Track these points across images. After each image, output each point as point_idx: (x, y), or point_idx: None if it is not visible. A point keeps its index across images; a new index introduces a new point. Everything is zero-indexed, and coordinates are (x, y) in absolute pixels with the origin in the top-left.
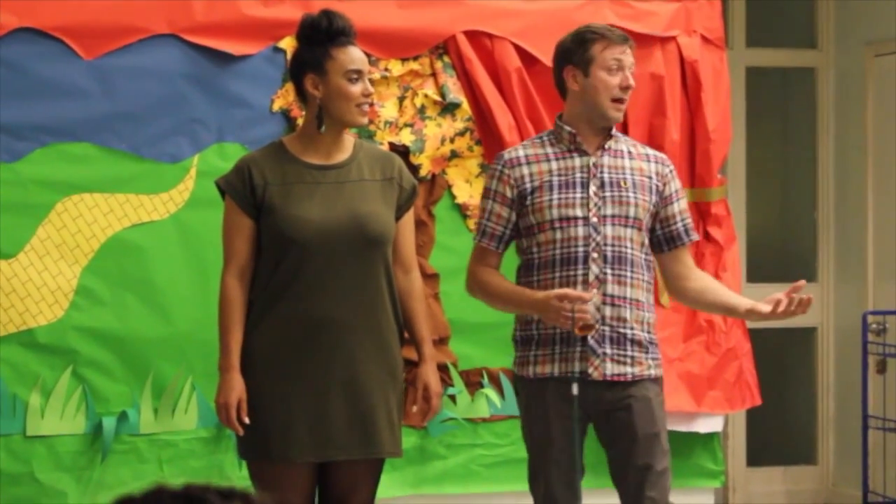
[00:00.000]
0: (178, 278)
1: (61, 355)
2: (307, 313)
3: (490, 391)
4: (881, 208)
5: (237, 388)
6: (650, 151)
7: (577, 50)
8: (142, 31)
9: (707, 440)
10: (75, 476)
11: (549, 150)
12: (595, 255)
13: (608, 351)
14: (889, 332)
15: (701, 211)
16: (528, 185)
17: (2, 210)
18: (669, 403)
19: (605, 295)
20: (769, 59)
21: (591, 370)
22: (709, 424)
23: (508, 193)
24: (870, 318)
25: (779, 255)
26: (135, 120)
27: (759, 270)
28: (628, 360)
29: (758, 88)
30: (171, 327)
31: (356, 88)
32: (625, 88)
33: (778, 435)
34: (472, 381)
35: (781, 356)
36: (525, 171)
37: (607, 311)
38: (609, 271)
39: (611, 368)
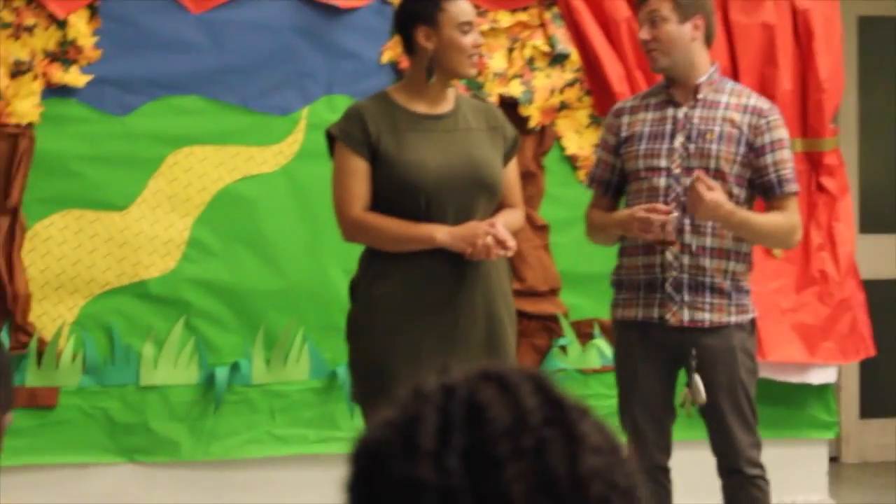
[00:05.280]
0: (288, 230)
1: (174, 306)
2: (432, 261)
3: (601, 342)
4: None
5: (467, 226)
6: (752, 102)
7: None
8: None
9: (820, 391)
10: (188, 426)
11: (652, 100)
12: (674, 205)
13: (686, 298)
14: None
15: (813, 161)
16: (624, 134)
17: (113, 163)
18: (782, 354)
19: (683, 244)
20: (882, 9)
21: (668, 316)
22: (822, 375)
23: (611, 140)
24: None
25: (892, 205)
26: (244, 73)
27: (872, 220)
28: (707, 307)
29: (870, 38)
30: (282, 279)
31: (468, 40)
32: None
33: (892, 386)
34: (584, 332)
35: (895, 307)
36: (625, 119)
37: (685, 259)
38: (687, 221)
39: (688, 315)
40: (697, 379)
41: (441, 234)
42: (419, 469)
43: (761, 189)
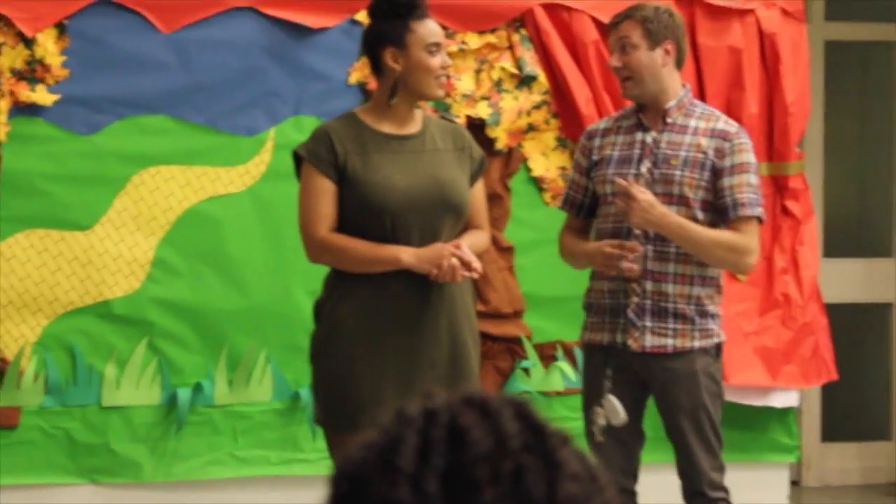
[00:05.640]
0: (253, 251)
1: (137, 327)
2: (396, 282)
3: (564, 364)
4: None
5: (433, 248)
6: (720, 126)
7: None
8: (219, 3)
9: (782, 415)
10: (150, 447)
11: (624, 123)
12: (637, 231)
13: (648, 324)
14: None
15: (778, 185)
16: (595, 157)
17: (79, 182)
18: (744, 377)
19: (646, 270)
20: (848, 33)
21: (630, 342)
22: (784, 399)
23: (583, 162)
24: None
25: (856, 229)
26: (212, 93)
27: (837, 245)
28: (669, 333)
29: (836, 62)
30: (247, 300)
31: (436, 61)
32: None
33: (853, 410)
34: (547, 355)
35: (857, 332)
36: (596, 142)
37: (648, 285)
38: (650, 247)
39: (650, 340)
40: (612, 399)
41: (406, 255)
42: (397, 491)
43: (718, 212)
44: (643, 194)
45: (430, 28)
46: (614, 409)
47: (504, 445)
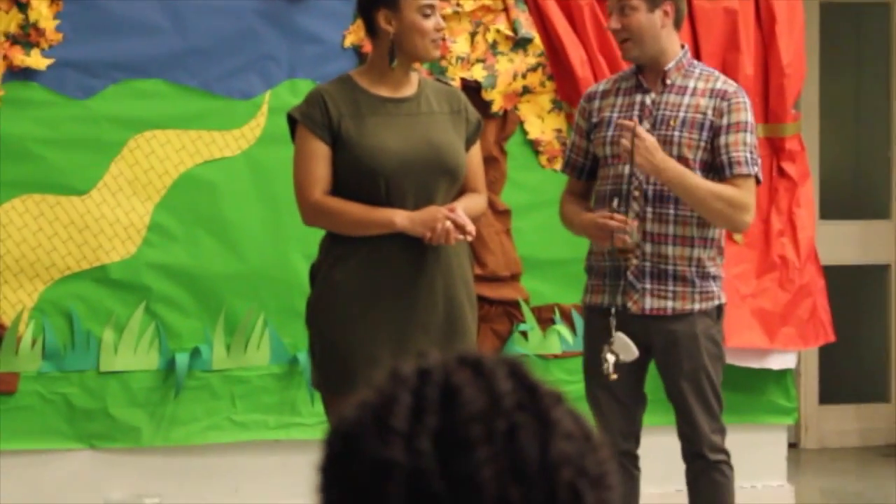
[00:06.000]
0: (249, 215)
1: (134, 291)
2: (391, 246)
3: (562, 327)
4: None
5: (427, 211)
6: (719, 85)
7: None
8: None
9: (780, 377)
10: (148, 412)
11: (623, 84)
12: (636, 193)
13: (648, 286)
14: None
15: (774, 146)
16: (594, 119)
17: (74, 146)
18: (742, 339)
19: (645, 232)
20: None
21: (629, 304)
22: (782, 361)
23: (583, 125)
24: None
25: (852, 191)
26: (206, 56)
27: (833, 207)
28: (669, 295)
29: (832, 23)
30: (243, 264)
31: (429, 23)
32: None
33: (850, 373)
34: (544, 318)
35: (855, 293)
36: (595, 104)
37: (647, 247)
38: (649, 209)
39: (650, 303)
40: (622, 335)
41: (400, 218)
42: (390, 450)
43: (715, 171)
44: (648, 136)
45: None
46: (625, 345)
47: (497, 404)
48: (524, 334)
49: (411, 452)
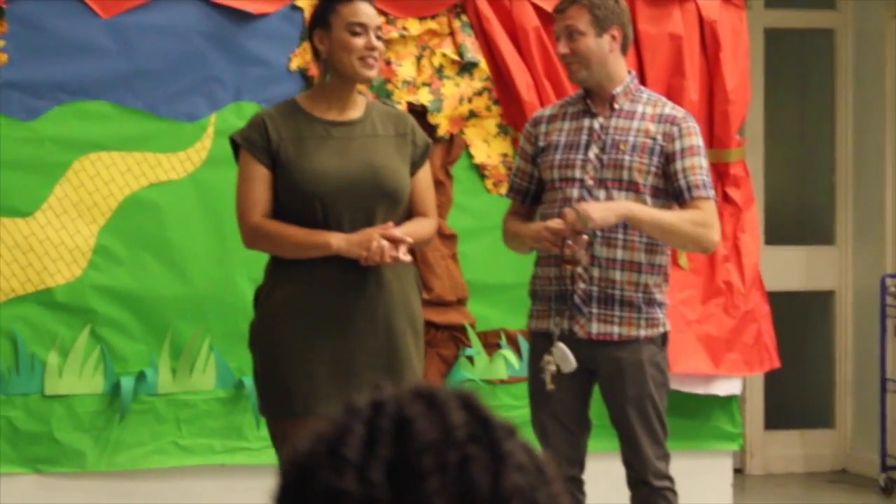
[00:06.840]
0: (195, 238)
1: (79, 314)
2: (330, 269)
3: (508, 352)
4: None
5: (362, 232)
6: (667, 111)
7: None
8: None
9: (725, 403)
10: (93, 436)
11: (570, 109)
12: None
13: (594, 310)
14: None
15: (719, 172)
16: (541, 143)
17: (19, 168)
18: (687, 365)
19: (593, 256)
20: (788, 21)
21: (576, 328)
22: (727, 387)
23: (528, 149)
24: (888, 281)
25: (797, 217)
26: (152, 78)
27: (778, 232)
28: (615, 320)
29: (776, 50)
30: (189, 287)
31: (359, 41)
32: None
33: (796, 398)
34: (490, 343)
35: (799, 319)
36: (542, 128)
37: (595, 272)
38: (599, 234)
39: (596, 328)
40: (562, 346)
41: (336, 240)
42: (343, 480)
43: (673, 196)
44: (589, 203)
45: (354, 8)
46: (564, 356)
47: (450, 436)
48: (470, 359)
49: (364, 483)
